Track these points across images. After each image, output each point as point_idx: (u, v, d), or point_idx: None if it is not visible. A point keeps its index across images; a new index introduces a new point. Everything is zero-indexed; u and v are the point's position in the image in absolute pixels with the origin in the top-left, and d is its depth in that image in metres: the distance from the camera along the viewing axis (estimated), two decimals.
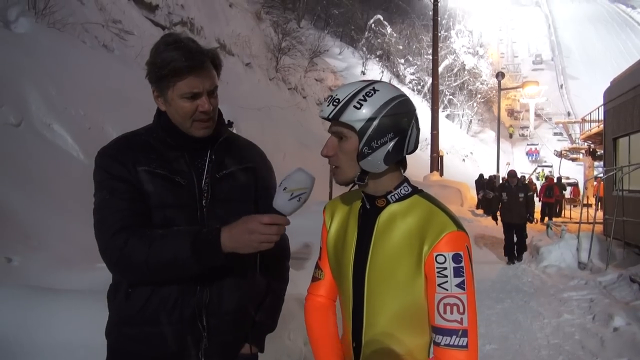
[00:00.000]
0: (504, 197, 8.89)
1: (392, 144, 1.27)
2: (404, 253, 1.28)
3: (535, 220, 13.33)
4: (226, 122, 1.64)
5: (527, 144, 50.20)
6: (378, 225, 1.35)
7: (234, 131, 1.69)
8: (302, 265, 6.16)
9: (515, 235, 8.99)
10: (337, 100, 1.27)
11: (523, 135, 54.41)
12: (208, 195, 1.51)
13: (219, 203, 1.52)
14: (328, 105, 1.28)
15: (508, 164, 28.21)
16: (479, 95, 48.49)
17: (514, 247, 8.99)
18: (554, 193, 18.10)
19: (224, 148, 1.59)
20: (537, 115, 59.03)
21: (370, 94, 1.26)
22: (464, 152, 40.94)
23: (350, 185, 1.39)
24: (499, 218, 9.03)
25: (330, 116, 1.27)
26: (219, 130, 1.58)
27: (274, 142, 13.86)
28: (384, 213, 1.35)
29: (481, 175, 21.92)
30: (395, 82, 34.85)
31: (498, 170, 21.23)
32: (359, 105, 1.25)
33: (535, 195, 13.43)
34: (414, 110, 1.31)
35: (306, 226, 8.68)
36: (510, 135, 54.65)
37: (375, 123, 1.25)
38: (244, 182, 1.58)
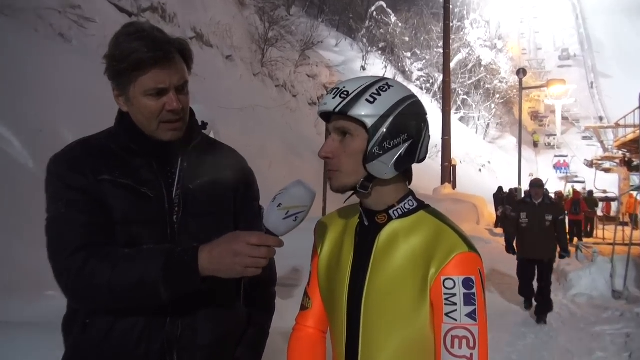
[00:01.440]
0: (523, 219, 6.92)
1: (405, 147, 1.28)
2: (407, 277, 1.29)
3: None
4: (199, 123, 1.64)
5: (555, 156, 50.32)
6: (378, 244, 1.35)
7: (212, 135, 1.69)
8: (290, 293, 6.12)
9: (536, 278, 7.04)
10: (345, 93, 1.28)
11: (549, 144, 54.75)
12: (180, 209, 1.51)
13: (192, 218, 1.51)
14: (334, 97, 1.28)
15: (531, 175, 28.40)
16: (498, 95, 48.92)
17: (532, 293, 7.21)
18: (581, 209, 18.08)
19: (197, 154, 1.59)
20: (564, 119, 59.56)
21: (384, 89, 1.29)
22: (481, 161, 41.19)
23: (347, 197, 1.39)
24: (514, 248, 7.15)
25: (338, 109, 1.28)
26: (191, 134, 1.58)
27: (258, 147, 13.87)
28: (385, 231, 1.36)
29: (500, 189, 22.04)
30: (400, 80, 35.09)
31: (520, 183, 21.38)
32: (372, 99, 1.27)
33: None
34: (426, 114, 1.34)
35: (295, 247, 8.59)
36: (535, 144, 55.04)
37: (389, 120, 1.27)
38: (221, 194, 1.58)
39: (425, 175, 23.51)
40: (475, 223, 16.48)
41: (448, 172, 20.02)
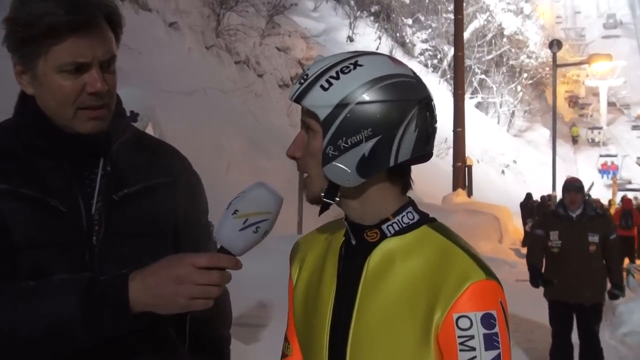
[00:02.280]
0: (555, 240, 6.01)
1: (369, 145, 1.29)
2: (405, 313, 1.30)
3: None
4: (128, 113, 1.65)
5: (601, 155, 50.85)
6: (367, 269, 1.37)
7: (150, 129, 1.69)
8: (255, 335, 6.13)
9: (577, 329, 6.04)
10: (306, 76, 1.32)
11: (593, 140, 55.56)
12: (101, 228, 1.51)
13: (118, 239, 1.52)
14: (296, 83, 1.34)
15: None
16: (525, 75, 49.68)
17: (570, 353, 6.09)
18: (634, 222, 18.26)
19: (125, 154, 1.60)
20: (611, 104, 60.49)
21: (347, 70, 1.30)
22: (504, 160, 41.72)
23: (329, 210, 1.41)
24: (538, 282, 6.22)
25: (293, 98, 1.33)
26: (117, 127, 1.58)
27: (212, 144, 13.85)
28: (377, 252, 1.37)
29: (529, 196, 22.36)
30: (398, 54, 35.40)
31: (554, 188, 21.68)
32: (327, 85, 1.29)
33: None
34: (420, 98, 1.33)
35: (262, 275, 8.61)
36: (574, 140, 55.81)
37: (345, 111, 1.28)
38: (157, 207, 1.59)
39: (433, 178, 23.69)
40: (496, 241, 16.68)
41: (461, 175, 20.21)
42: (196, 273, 1.30)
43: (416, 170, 1.43)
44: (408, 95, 1.32)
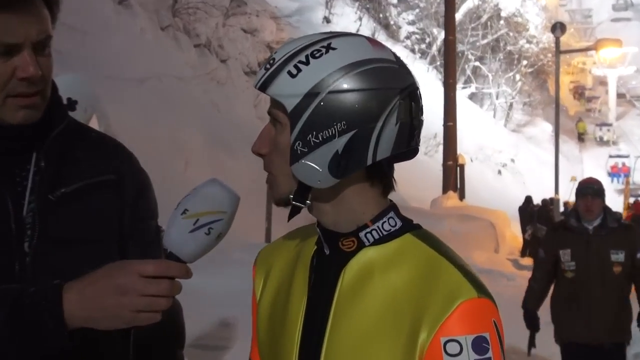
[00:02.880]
0: (567, 261, 5.35)
1: (343, 140, 1.29)
2: (384, 334, 1.30)
3: None
4: (65, 101, 1.66)
5: (610, 156, 50.95)
6: (342, 283, 1.36)
7: (94, 122, 1.69)
8: (216, 359, 6.13)
9: None
10: (272, 60, 1.32)
11: (602, 139, 55.85)
12: (34, 233, 1.51)
13: (53, 245, 1.52)
14: (262, 68, 1.34)
15: (574, 179, 29.05)
16: (525, 62, 50.16)
17: None
18: None
19: (62, 148, 1.59)
20: (621, 95, 61.13)
21: (318, 54, 1.30)
22: (500, 158, 42.09)
23: (289, 212, 1.40)
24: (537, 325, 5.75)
25: (258, 85, 1.33)
26: (53, 117, 1.58)
27: (167, 139, 13.78)
28: (353, 263, 1.37)
29: (529, 200, 22.57)
30: (381, 38, 35.54)
31: (557, 191, 21.90)
32: (294, 71, 1.29)
33: None
34: (402, 86, 1.33)
35: (225, 289, 8.58)
36: (580, 137, 56.15)
37: (315, 102, 1.28)
38: (100, 209, 1.60)
39: (420, 179, 23.82)
40: (492, 251, 16.81)
41: (452, 175, 20.33)
42: (142, 282, 1.30)
43: (401, 170, 1.43)
44: (388, 83, 1.31)
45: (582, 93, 65.80)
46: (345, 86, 1.28)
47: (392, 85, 1.31)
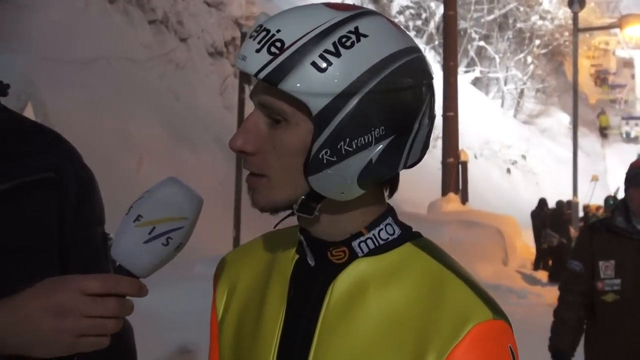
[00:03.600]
0: (608, 278, 4.52)
1: (379, 148, 1.28)
2: None
3: None
4: None
5: (639, 155, 50.34)
6: (330, 301, 1.36)
7: (29, 110, 1.68)
8: None
9: None
10: (278, 44, 1.26)
11: (628, 135, 55.53)
12: None
13: None
14: (260, 48, 1.26)
15: (595, 179, 29.18)
16: (538, 42, 50.40)
17: None
18: None
19: None
20: None
21: (348, 42, 1.26)
22: (509, 154, 42.29)
23: (281, 218, 1.39)
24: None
25: (262, 75, 1.27)
26: None
27: (117, 131, 13.74)
28: (344, 277, 1.37)
29: (543, 203, 22.69)
30: None
31: (575, 193, 22.00)
32: (323, 64, 1.25)
33: None
34: (430, 80, 1.35)
35: (186, 309, 8.59)
36: (603, 132, 55.94)
37: (351, 104, 1.26)
38: (35, 212, 1.60)
39: (415, 180, 23.87)
40: (500, 263, 16.89)
41: (454, 175, 20.44)
42: (85, 302, 1.28)
43: None
44: (422, 78, 1.32)
45: (605, 79, 65.96)
46: (384, 86, 1.27)
47: (425, 80, 1.33)
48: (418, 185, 23.13)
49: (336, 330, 1.34)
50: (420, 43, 41.29)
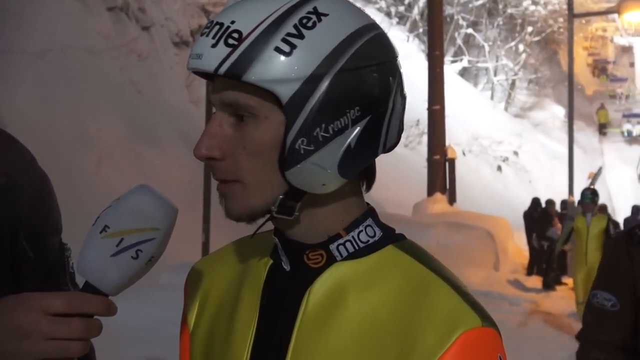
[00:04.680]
0: None
1: (357, 130, 1.30)
2: None
3: None
4: None
5: None
6: (307, 307, 1.36)
7: None
8: None
9: None
10: (235, 35, 1.27)
11: (630, 133, 54.52)
12: None
13: None
14: (216, 43, 1.28)
15: (593, 175, 29.30)
16: (530, 29, 50.58)
17: None
18: None
19: None
20: None
21: (310, 23, 1.28)
22: (500, 151, 42.42)
23: (259, 225, 1.40)
24: None
25: (223, 70, 1.27)
26: None
27: (74, 129, 13.66)
28: (322, 282, 1.37)
29: (536, 203, 22.75)
30: None
31: (571, 191, 22.13)
32: (287, 47, 1.26)
33: None
34: (397, 55, 1.37)
35: (151, 322, 8.55)
36: (602, 130, 55.43)
37: (324, 85, 1.27)
38: None
39: (399, 178, 23.93)
40: (491, 268, 16.97)
41: (440, 173, 20.50)
42: (48, 322, 1.27)
43: (379, 165, 1.43)
44: (390, 53, 1.35)
45: (604, 68, 66.05)
46: (354, 62, 1.28)
47: (393, 55, 1.35)
48: (402, 184, 23.20)
49: (313, 339, 1.34)
50: (403, 31, 41.47)
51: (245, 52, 1.25)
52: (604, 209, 18.62)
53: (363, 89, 1.29)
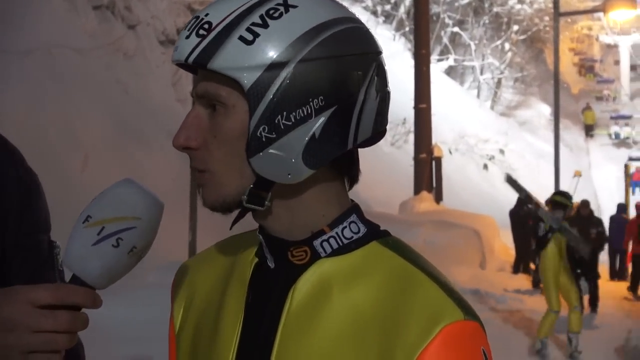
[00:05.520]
0: None
1: (321, 120, 1.31)
2: None
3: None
4: None
5: (630, 158, 46.99)
6: (292, 304, 1.37)
7: None
8: None
9: None
10: (206, 25, 1.31)
11: (617, 136, 53.17)
12: None
13: None
14: (188, 36, 1.31)
15: (578, 174, 29.27)
16: (516, 27, 50.63)
17: None
18: None
19: None
20: (633, 68, 61.25)
21: (276, 13, 1.30)
22: (487, 149, 42.45)
23: (234, 218, 1.40)
24: None
25: (192, 59, 1.31)
26: None
27: (60, 128, 13.62)
28: (306, 278, 1.38)
29: (522, 201, 22.74)
30: None
31: (557, 189, 22.11)
32: (250, 36, 1.28)
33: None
34: (377, 50, 1.37)
35: (138, 321, 8.54)
36: (588, 132, 54.66)
37: (284, 74, 1.28)
38: None
39: (386, 177, 23.94)
40: (477, 266, 17.01)
41: (426, 172, 20.52)
42: (34, 314, 1.27)
43: (361, 166, 1.44)
44: (365, 47, 1.35)
45: (591, 67, 66.00)
46: (319, 52, 1.29)
47: (369, 49, 1.36)
48: (388, 183, 23.20)
49: (298, 336, 1.35)
50: (389, 29, 41.44)
51: (212, 41, 1.28)
52: (585, 204, 18.61)
53: (327, 79, 1.29)
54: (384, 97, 1.37)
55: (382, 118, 1.37)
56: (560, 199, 11.55)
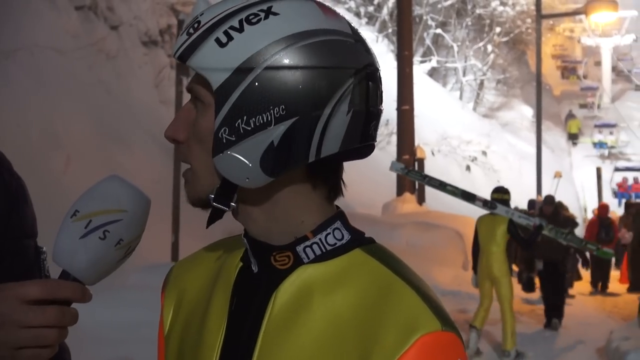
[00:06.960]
0: None
1: (280, 130, 1.30)
2: None
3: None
4: None
5: (617, 169, 46.13)
6: (273, 309, 1.37)
7: None
8: None
9: None
10: (197, 24, 1.34)
11: (602, 145, 51.32)
12: None
13: None
14: (182, 33, 1.35)
15: (559, 175, 29.32)
16: (498, 29, 50.77)
17: None
18: (614, 233, 20.04)
19: None
20: (616, 70, 61.22)
21: (255, 19, 1.30)
22: (469, 151, 42.57)
23: (209, 216, 1.42)
24: None
25: (178, 54, 1.34)
26: None
27: (42, 129, 13.56)
28: (288, 284, 1.38)
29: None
30: None
31: (539, 191, 22.23)
32: (224, 39, 1.30)
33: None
34: (358, 66, 1.35)
35: (123, 323, 8.50)
36: (573, 141, 53.57)
37: (249, 79, 1.29)
38: None
39: (368, 178, 23.95)
40: (460, 267, 17.00)
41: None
42: (23, 310, 1.28)
43: (345, 167, 1.43)
44: (341, 61, 1.33)
45: (574, 68, 66.14)
46: (286, 61, 1.29)
47: (346, 64, 1.33)
48: (371, 184, 23.20)
49: (279, 341, 1.35)
50: (372, 31, 41.43)
51: (195, 40, 1.32)
52: (549, 201, 18.48)
53: (292, 89, 1.29)
54: (360, 114, 1.34)
55: (354, 135, 1.34)
56: (496, 195, 11.72)
